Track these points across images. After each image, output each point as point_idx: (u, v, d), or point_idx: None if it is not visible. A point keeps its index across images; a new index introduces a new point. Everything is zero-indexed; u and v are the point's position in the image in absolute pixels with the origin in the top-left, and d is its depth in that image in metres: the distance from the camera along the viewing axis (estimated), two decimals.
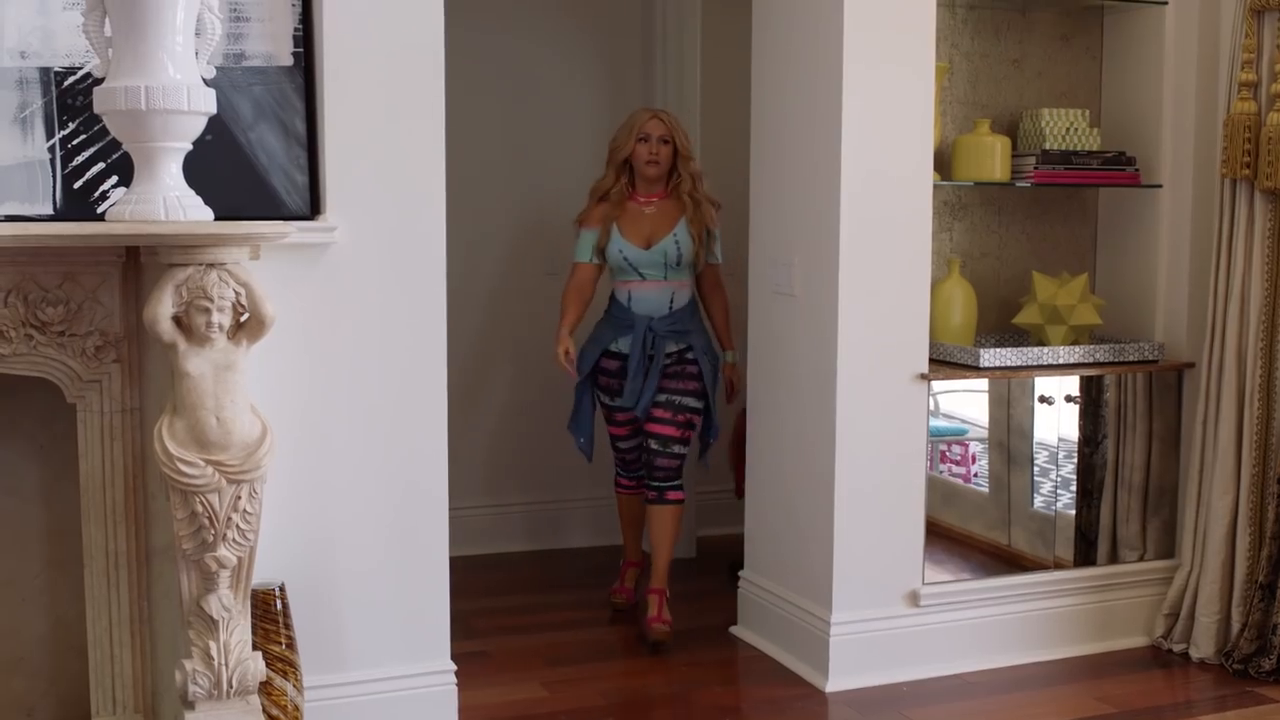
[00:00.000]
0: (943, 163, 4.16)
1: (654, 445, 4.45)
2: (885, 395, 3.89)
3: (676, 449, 4.45)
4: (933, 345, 4.02)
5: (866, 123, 3.79)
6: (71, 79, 3.11)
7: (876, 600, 3.95)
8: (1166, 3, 4.18)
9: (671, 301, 4.41)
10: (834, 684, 3.91)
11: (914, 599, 3.99)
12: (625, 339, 4.44)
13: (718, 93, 5.24)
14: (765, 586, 4.26)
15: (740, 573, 4.43)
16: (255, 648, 2.97)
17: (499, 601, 4.73)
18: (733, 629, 4.40)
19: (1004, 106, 4.37)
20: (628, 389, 4.42)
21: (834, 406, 3.85)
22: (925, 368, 3.93)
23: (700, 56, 5.24)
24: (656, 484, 4.47)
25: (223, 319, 2.80)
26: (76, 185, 3.12)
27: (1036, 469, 4.24)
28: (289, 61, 3.29)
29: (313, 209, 3.31)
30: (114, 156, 3.11)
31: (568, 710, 3.76)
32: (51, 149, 3.10)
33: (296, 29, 3.29)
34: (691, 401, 4.44)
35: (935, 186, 3.95)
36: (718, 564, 5.14)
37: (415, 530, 3.42)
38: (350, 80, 3.29)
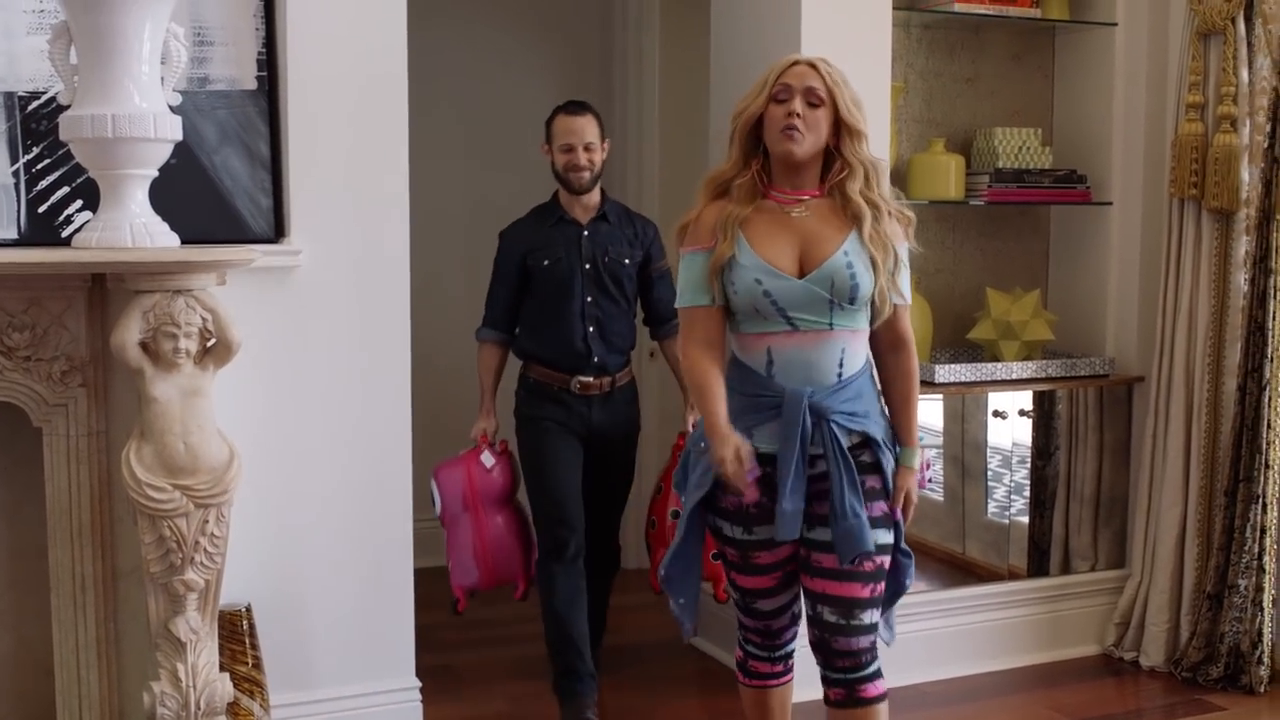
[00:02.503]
0: (898, 181, 4.23)
1: (830, 616, 2.76)
2: None
3: (867, 617, 2.77)
4: None
5: None
6: (36, 103, 3.13)
7: None
8: (1116, 24, 4.27)
9: (841, 364, 2.74)
10: (794, 695, 3.96)
11: None
12: (765, 430, 2.74)
13: (676, 102, 5.28)
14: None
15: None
16: (222, 668, 3.00)
17: (465, 614, 4.75)
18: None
19: (958, 125, 4.45)
20: (784, 513, 2.71)
21: None
22: None
23: (659, 68, 5.28)
24: (839, 675, 2.79)
25: (190, 345, 2.83)
26: (41, 209, 3.13)
27: (990, 481, 4.32)
28: (253, 85, 3.31)
29: (277, 231, 3.34)
30: (78, 181, 3.13)
31: None
32: (16, 173, 3.11)
33: (260, 52, 3.32)
34: (882, 534, 2.76)
35: None
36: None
37: (380, 548, 3.45)
38: (314, 103, 3.32)
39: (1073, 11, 4.33)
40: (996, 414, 4.24)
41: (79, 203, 3.15)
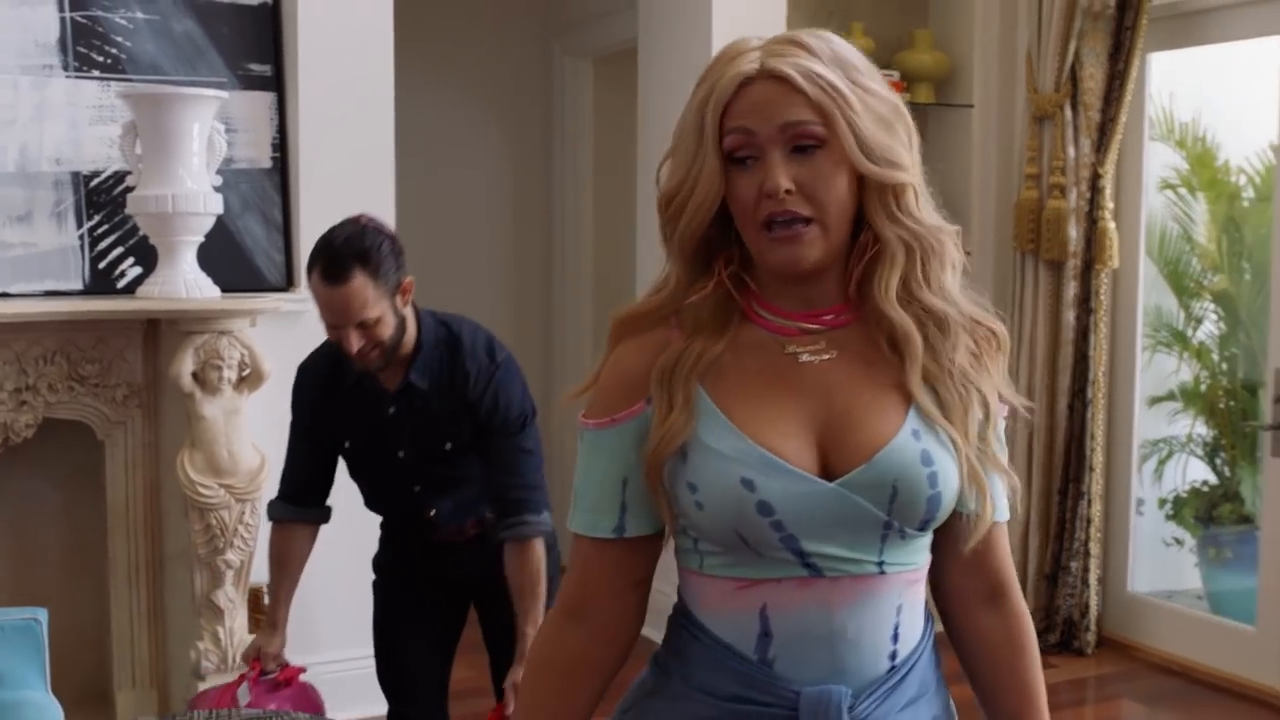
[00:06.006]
0: None
1: None
2: None
3: None
4: None
5: None
6: (96, 180, 3.87)
7: None
8: (973, 106, 5.15)
9: (896, 637, 1.45)
10: None
11: None
12: None
13: (609, 169, 6.12)
14: (656, 588, 5.11)
15: None
16: (250, 632, 3.75)
17: None
18: None
19: None
20: None
21: None
22: None
23: (594, 140, 6.13)
24: None
25: (230, 374, 3.60)
26: (101, 266, 3.88)
27: None
28: (269, 164, 4.09)
29: (288, 281, 4.10)
30: (131, 242, 3.88)
31: None
32: (81, 237, 3.85)
33: (274, 137, 4.09)
34: None
35: None
36: None
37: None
38: (318, 178, 4.08)
39: (938, 96, 5.20)
40: None
41: (131, 259, 3.89)
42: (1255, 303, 4.95)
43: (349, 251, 2.61)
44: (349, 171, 4.11)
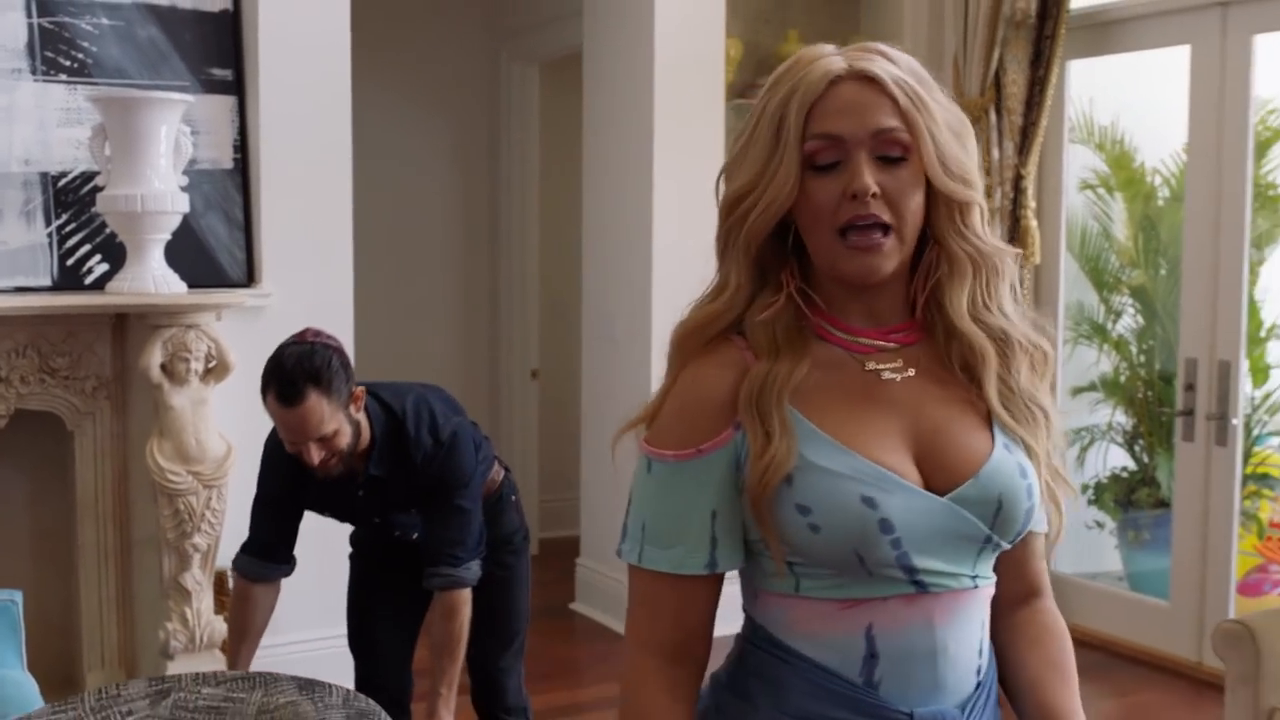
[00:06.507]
0: None
1: None
2: None
3: None
4: None
5: (672, 203, 4.89)
6: (64, 180, 4.01)
7: None
8: None
9: (981, 650, 1.48)
10: None
11: None
12: None
13: (554, 171, 6.32)
14: (598, 569, 5.32)
15: (578, 559, 5.47)
16: (216, 613, 3.90)
17: None
18: (572, 605, 5.43)
19: None
20: None
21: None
22: None
23: (540, 143, 6.32)
24: None
25: (198, 366, 3.76)
26: (69, 263, 4.01)
27: None
28: (230, 165, 4.24)
29: (249, 278, 4.26)
30: (98, 240, 4.02)
31: None
32: (49, 235, 3.99)
33: (236, 139, 4.25)
34: None
35: None
36: (559, 561, 6.13)
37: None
38: (278, 178, 4.24)
39: None
40: None
41: (98, 257, 4.02)
42: (1170, 297, 5.21)
43: (300, 373, 2.73)
44: (307, 172, 4.28)
